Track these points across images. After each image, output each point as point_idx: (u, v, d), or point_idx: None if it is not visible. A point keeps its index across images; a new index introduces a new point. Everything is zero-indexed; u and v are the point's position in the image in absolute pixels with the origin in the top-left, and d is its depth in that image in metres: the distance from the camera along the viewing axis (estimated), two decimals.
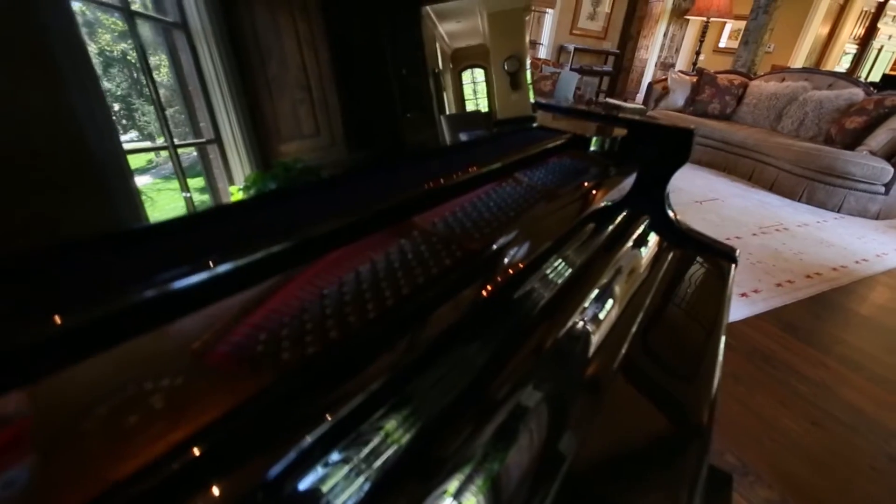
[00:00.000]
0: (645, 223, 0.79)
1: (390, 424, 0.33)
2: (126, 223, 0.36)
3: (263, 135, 0.51)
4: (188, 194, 0.45)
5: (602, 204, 0.70)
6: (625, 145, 0.79)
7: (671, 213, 0.82)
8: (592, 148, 0.73)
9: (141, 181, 0.40)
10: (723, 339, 0.65)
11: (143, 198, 0.39)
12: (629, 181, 0.76)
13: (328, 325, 0.31)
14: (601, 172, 0.71)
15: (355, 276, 0.36)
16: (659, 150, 0.78)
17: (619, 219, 0.78)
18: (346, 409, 0.28)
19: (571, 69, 6.16)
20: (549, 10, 6.08)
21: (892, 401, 1.51)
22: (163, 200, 0.41)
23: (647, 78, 8.62)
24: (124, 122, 0.40)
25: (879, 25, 7.15)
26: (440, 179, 0.50)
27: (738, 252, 0.79)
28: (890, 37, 7.40)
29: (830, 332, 1.89)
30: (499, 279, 0.46)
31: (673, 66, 8.17)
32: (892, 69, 7.85)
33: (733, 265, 0.77)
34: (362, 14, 0.56)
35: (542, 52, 6.31)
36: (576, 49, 6.18)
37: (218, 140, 0.49)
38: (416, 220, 0.48)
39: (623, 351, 0.60)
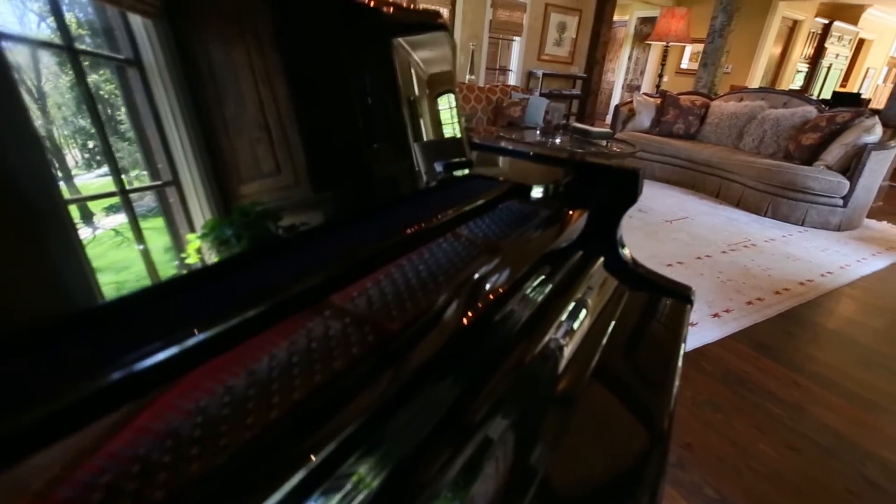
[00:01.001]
0: (599, 265, 0.78)
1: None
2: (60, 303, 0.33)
3: (224, 175, 0.49)
4: (142, 246, 0.43)
5: (554, 247, 0.69)
6: (573, 186, 0.79)
7: (625, 254, 0.82)
8: (539, 190, 0.71)
9: (90, 232, 0.37)
10: (676, 385, 0.64)
11: (88, 260, 0.36)
12: (579, 224, 0.76)
13: (272, 402, 0.28)
14: (550, 217, 0.70)
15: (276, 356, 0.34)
16: (607, 190, 0.78)
17: (573, 262, 0.78)
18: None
19: (541, 94, 6.31)
20: (517, 38, 6.27)
21: (864, 418, 1.52)
22: (107, 259, 0.38)
23: (615, 99, 8.92)
24: (67, 167, 0.38)
25: (826, 45, 7.58)
26: (353, 256, 0.48)
27: (693, 293, 0.78)
28: (837, 56, 7.85)
29: (802, 349, 1.92)
30: (449, 332, 0.45)
31: (638, 87, 8.48)
32: (841, 86, 8.30)
33: (689, 305, 0.76)
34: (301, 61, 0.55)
35: (512, 78, 6.47)
36: (544, 74, 6.35)
37: (176, 182, 0.47)
38: (351, 290, 0.46)
39: (578, 392, 0.58)
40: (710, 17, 5.61)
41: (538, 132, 3.42)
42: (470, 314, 0.49)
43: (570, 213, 0.75)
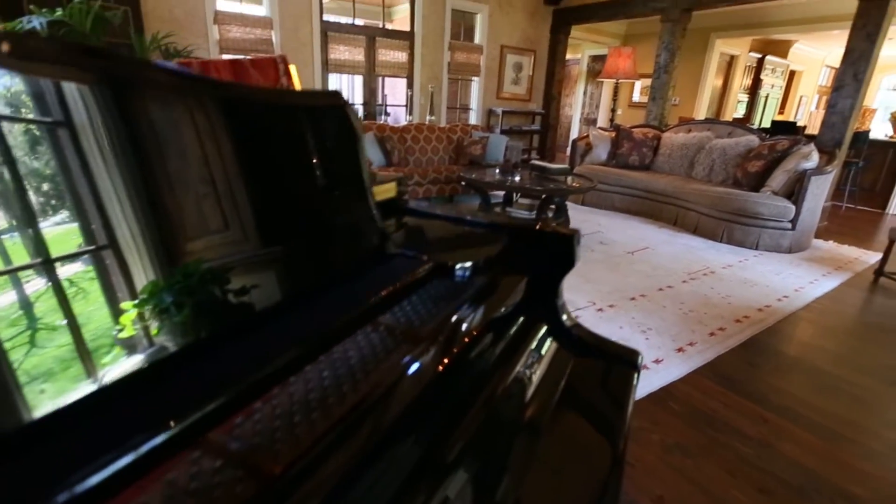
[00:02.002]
0: (542, 332, 0.75)
1: None
2: None
3: (166, 233, 0.46)
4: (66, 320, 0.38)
5: (492, 319, 0.66)
6: (511, 251, 0.76)
7: (568, 319, 0.77)
8: (467, 266, 0.67)
9: None
10: (620, 453, 0.59)
11: None
12: (518, 291, 0.72)
13: None
14: (485, 289, 0.66)
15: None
16: (543, 255, 0.75)
17: (515, 329, 0.74)
18: None
19: (501, 131, 6.48)
20: (476, 78, 6.47)
21: (831, 451, 1.51)
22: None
23: (574, 132, 9.26)
24: None
25: (762, 77, 8.14)
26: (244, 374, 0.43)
27: (640, 358, 0.75)
28: (772, 86, 8.44)
29: (765, 379, 1.92)
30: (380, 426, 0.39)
31: (595, 120, 8.84)
32: (779, 112, 8.89)
33: (636, 374, 0.72)
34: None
35: (473, 116, 6.63)
36: (504, 112, 6.54)
37: (113, 245, 0.44)
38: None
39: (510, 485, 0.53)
40: (654, 55, 5.95)
41: (497, 171, 3.46)
42: (398, 405, 0.44)
43: (507, 281, 0.72)
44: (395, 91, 7.23)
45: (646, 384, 1.80)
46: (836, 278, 3.16)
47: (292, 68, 4.07)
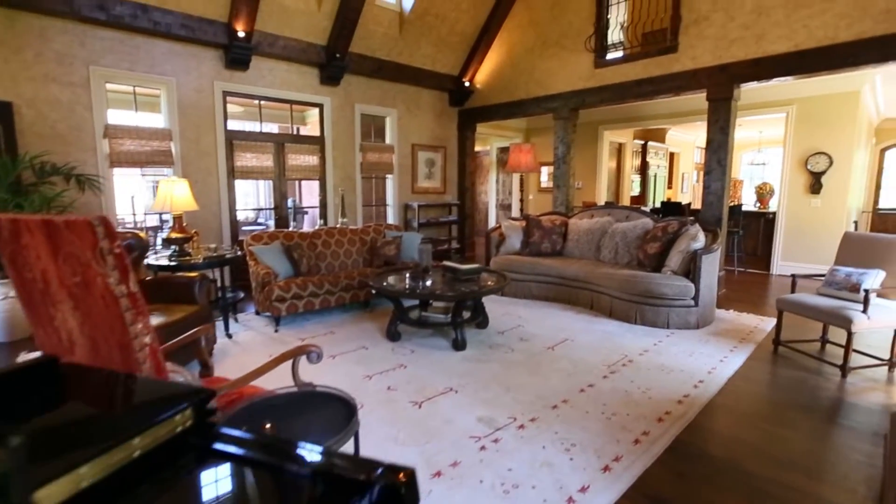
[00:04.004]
0: None
1: None
2: None
3: None
4: None
5: None
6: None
7: None
8: None
9: None
10: None
11: None
12: None
13: None
14: None
15: None
16: None
17: None
18: None
19: (419, 224, 6.56)
20: (389, 175, 6.62)
21: None
22: None
23: (491, 217, 9.66)
24: None
25: (648, 159, 9.20)
26: None
27: None
28: (658, 166, 9.55)
29: (695, 492, 1.80)
30: None
31: (510, 206, 9.33)
32: (668, 187, 9.97)
33: None
34: None
35: (390, 212, 6.69)
36: (420, 205, 6.67)
37: None
38: None
39: None
40: (553, 147, 6.51)
41: (408, 275, 3.36)
42: None
43: None
44: (313, 192, 7.18)
45: None
46: (742, 352, 3.28)
47: (183, 186, 3.81)
